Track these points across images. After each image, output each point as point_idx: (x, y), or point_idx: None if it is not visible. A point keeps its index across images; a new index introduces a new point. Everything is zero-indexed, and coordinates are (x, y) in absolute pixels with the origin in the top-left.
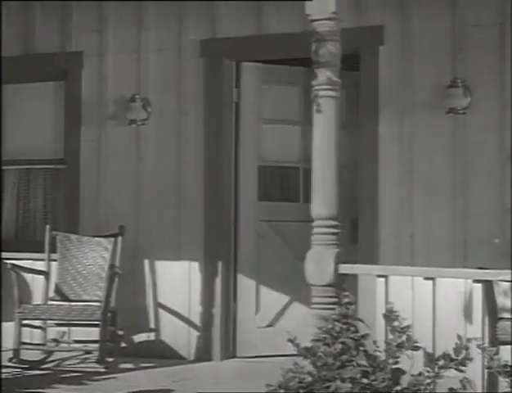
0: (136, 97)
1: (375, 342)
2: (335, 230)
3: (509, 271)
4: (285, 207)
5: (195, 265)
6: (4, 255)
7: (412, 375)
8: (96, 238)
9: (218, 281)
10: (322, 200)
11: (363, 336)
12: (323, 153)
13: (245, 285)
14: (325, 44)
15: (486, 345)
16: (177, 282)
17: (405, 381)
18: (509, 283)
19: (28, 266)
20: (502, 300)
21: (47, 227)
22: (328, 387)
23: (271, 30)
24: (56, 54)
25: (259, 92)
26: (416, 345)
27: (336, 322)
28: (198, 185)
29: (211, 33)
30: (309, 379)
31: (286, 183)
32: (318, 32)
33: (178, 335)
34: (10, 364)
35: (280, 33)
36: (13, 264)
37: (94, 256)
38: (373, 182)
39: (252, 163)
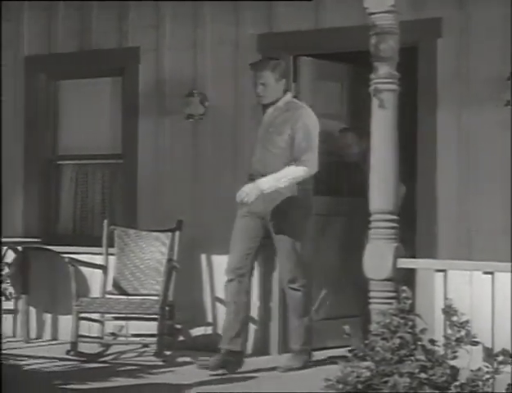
0: (194, 91)
1: (432, 341)
2: (394, 224)
3: None
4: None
5: None
6: (62, 249)
7: (471, 370)
8: (154, 233)
9: (276, 275)
10: (381, 194)
11: (421, 331)
12: (383, 147)
13: None
14: (386, 38)
15: None
16: None
17: (463, 376)
18: None
19: (86, 260)
20: None
21: (105, 221)
22: (386, 382)
23: (328, 24)
24: (113, 50)
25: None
26: (475, 339)
27: (394, 317)
28: None
29: (268, 27)
30: (367, 374)
31: None
32: (377, 25)
33: None
34: (68, 357)
35: (338, 27)
36: (71, 258)
37: (152, 251)
38: (431, 176)
39: None
